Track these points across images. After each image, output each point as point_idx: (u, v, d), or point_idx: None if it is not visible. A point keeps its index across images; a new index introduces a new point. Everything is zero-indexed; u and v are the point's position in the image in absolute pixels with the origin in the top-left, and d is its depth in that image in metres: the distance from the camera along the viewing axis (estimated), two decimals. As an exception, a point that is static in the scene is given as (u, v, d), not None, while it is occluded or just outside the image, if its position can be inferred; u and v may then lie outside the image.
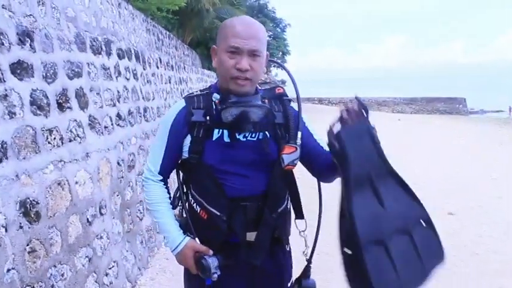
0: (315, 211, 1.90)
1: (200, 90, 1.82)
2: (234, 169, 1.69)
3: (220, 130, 1.68)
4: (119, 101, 4.11)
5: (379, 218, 1.43)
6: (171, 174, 1.85)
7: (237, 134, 1.68)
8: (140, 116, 4.76)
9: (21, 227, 2.34)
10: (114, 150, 3.76)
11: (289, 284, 1.86)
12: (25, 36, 2.70)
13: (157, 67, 6.16)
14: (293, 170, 1.75)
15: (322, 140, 1.79)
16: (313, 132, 1.83)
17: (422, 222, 1.48)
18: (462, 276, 4.12)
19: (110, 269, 3.33)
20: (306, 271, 1.88)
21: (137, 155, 4.37)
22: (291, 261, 1.91)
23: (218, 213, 1.69)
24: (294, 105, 1.81)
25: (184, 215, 1.82)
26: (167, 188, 1.84)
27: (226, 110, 1.62)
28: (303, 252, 1.87)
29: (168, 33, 9.25)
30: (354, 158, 1.48)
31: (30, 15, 2.82)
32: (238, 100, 1.64)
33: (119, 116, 4.03)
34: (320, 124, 1.92)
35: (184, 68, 8.84)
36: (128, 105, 4.37)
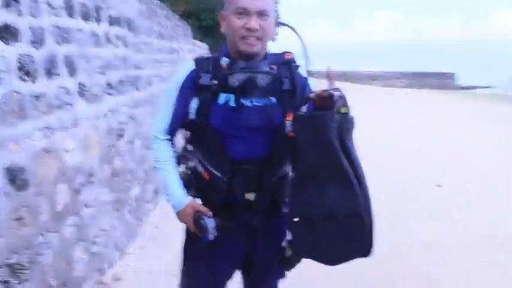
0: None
1: (211, 54, 1.85)
2: (238, 133, 1.71)
3: (228, 95, 1.70)
4: (109, 69, 4.04)
5: (312, 205, 1.61)
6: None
7: (242, 99, 1.70)
8: (131, 85, 4.69)
9: (8, 194, 2.32)
10: (104, 119, 3.71)
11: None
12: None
13: (149, 36, 6.06)
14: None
15: None
16: None
17: (351, 215, 1.59)
18: (445, 245, 4.19)
19: (98, 237, 3.34)
20: None
21: (127, 124, 4.33)
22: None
23: (219, 175, 1.72)
24: (303, 71, 1.81)
25: (188, 173, 1.83)
26: (174, 147, 1.87)
27: (233, 76, 1.64)
28: None
29: (159, 2, 9.07)
30: (306, 151, 1.60)
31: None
32: (246, 66, 1.65)
33: (108, 84, 3.97)
34: None
35: (176, 38, 8.69)
36: (119, 73, 4.30)
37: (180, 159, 1.85)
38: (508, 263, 3.85)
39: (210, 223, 1.71)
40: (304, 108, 1.62)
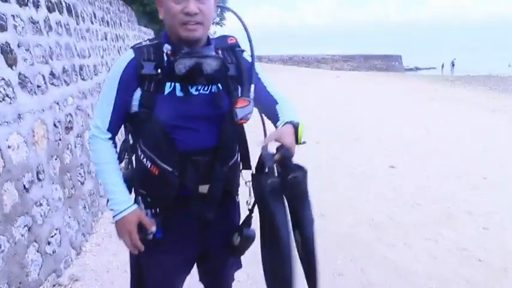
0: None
1: (149, 40, 1.69)
2: (185, 124, 1.61)
3: (173, 83, 1.59)
4: (51, 58, 3.78)
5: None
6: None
7: (189, 87, 1.60)
8: (76, 75, 4.44)
9: None
10: (50, 111, 3.48)
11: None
12: None
13: (92, 22, 5.75)
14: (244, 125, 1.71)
15: (273, 88, 1.81)
16: (265, 83, 1.80)
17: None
18: (404, 226, 4.26)
19: (52, 237, 3.14)
20: (248, 220, 1.86)
21: (75, 115, 4.09)
22: (239, 212, 1.92)
23: (170, 169, 1.61)
24: (248, 56, 1.74)
25: (130, 168, 1.72)
26: (115, 146, 1.71)
27: (179, 61, 1.52)
28: (247, 202, 1.83)
29: (100, -14, 8.68)
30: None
31: None
32: (192, 51, 1.55)
33: (52, 74, 3.72)
34: None
35: (121, 24, 8.36)
36: (62, 62, 4.05)
37: (122, 154, 1.72)
38: (455, 239, 4.00)
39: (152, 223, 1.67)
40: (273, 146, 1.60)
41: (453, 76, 32.64)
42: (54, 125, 3.53)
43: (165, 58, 1.58)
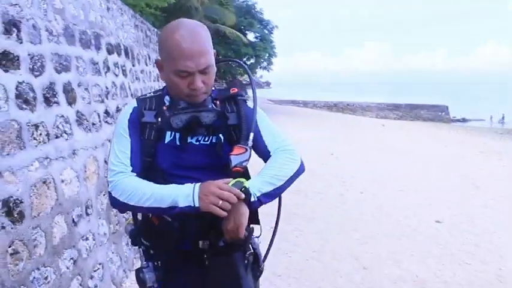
0: (270, 213, 1.82)
1: (153, 92, 1.74)
2: (186, 173, 1.61)
3: (173, 133, 1.62)
4: (107, 97, 3.97)
5: None
6: None
7: (189, 138, 1.62)
8: (128, 114, 4.62)
9: (3, 227, 2.21)
10: (102, 148, 3.62)
11: None
12: (11, 26, 2.56)
13: (146, 64, 6.02)
14: (249, 173, 1.67)
15: (272, 137, 1.72)
16: (265, 132, 1.72)
17: None
18: (451, 285, 4.08)
19: (95, 271, 3.19)
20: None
21: (125, 153, 4.23)
22: (245, 265, 1.76)
23: (169, 219, 1.59)
24: (251, 104, 1.73)
25: (136, 221, 1.74)
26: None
27: (175, 117, 1.55)
28: (245, 253, 1.73)
29: (155, 30, 9.11)
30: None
31: (16, 4, 2.68)
32: (187, 106, 1.58)
33: (107, 112, 3.90)
34: (307, 131, 1.85)
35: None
36: (116, 101, 4.23)
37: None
38: None
39: (150, 278, 1.66)
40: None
41: (503, 129, 31.68)
42: (105, 161, 3.65)
43: (165, 111, 1.61)
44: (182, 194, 1.51)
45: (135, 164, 1.61)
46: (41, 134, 2.69)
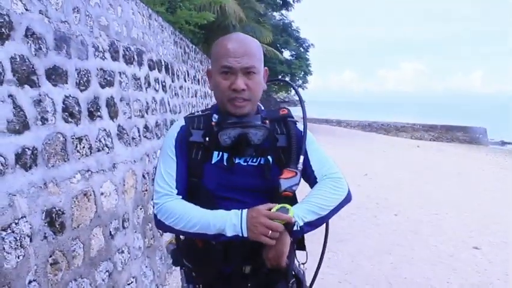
0: (316, 241, 1.76)
1: (202, 111, 1.74)
2: (232, 195, 1.59)
3: (220, 153, 1.60)
4: (147, 113, 4.04)
5: None
6: None
7: (237, 158, 1.59)
8: (166, 129, 4.69)
9: (45, 237, 2.26)
10: (140, 162, 3.68)
11: None
12: (62, 42, 2.65)
13: (185, 80, 6.12)
14: (296, 196, 1.63)
15: (320, 163, 1.68)
16: (314, 157, 1.68)
17: None
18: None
19: (128, 284, 3.22)
20: None
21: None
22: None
23: (213, 243, 1.56)
24: (301, 126, 1.69)
25: (178, 241, 1.72)
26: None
27: (223, 132, 1.53)
28: (290, 283, 1.70)
29: (194, 46, 9.27)
30: None
31: (65, 21, 2.78)
32: (237, 121, 1.55)
33: (146, 127, 3.97)
34: (341, 150, 1.81)
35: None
36: (156, 117, 4.31)
37: None
38: None
39: None
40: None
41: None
42: (143, 175, 3.71)
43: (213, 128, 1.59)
44: (230, 224, 1.48)
45: (181, 186, 1.60)
46: (84, 147, 2.76)
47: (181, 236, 1.68)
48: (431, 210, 8.10)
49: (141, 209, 3.59)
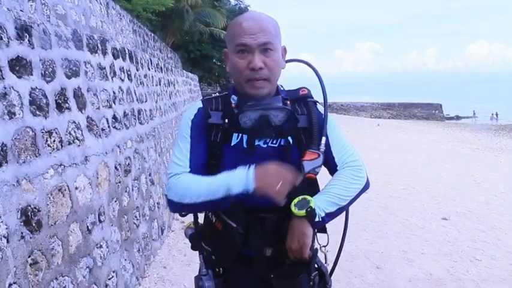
0: (337, 224, 1.72)
1: (219, 92, 1.68)
2: None
3: (240, 135, 1.55)
4: (114, 103, 3.91)
5: None
6: None
7: (257, 140, 1.54)
8: (135, 119, 4.56)
9: (22, 237, 2.15)
10: (112, 154, 3.56)
11: None
12: (23, 31, 2.51)
13: (149, 68, 5.96)
14: (317, 178, 1.59)
15: (341, 147, 1.65)
16: (334, 139, 1.64)
17: None
18: (465, 282, 4.05)
19: (109, 279, 3.14)
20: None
21: (133, 159, 4.17)
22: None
23: (234, 225, 1.53)
24: (321, 107, 1.65)
25: (197, 224, 1.70)
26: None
27: (244, 114, 1.49)
28: (316, 265, 1.67)
29: (152, 35, 9.06)
30: None
31: (21, 10, 2.63)
32: (256, 103, 1.50)
33: (115, 118, 3.84)
34: None
35: (172, 70, 8.62)
36: (123, 107, 4.17)
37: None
38: None
39: (209, 286, 1.61)
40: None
41: (497, 125, 31.91)
42: (115, 167, 3.60)
43: (232, 110, 1.55)
44: (236, 178, 1.43)
45: (195, 164, 1.55)
46: (54, 141, 2.63)
47: (199, 219, 1.65)
48: (398, 186, 8.30)
49: (115, 201, 3.49)
